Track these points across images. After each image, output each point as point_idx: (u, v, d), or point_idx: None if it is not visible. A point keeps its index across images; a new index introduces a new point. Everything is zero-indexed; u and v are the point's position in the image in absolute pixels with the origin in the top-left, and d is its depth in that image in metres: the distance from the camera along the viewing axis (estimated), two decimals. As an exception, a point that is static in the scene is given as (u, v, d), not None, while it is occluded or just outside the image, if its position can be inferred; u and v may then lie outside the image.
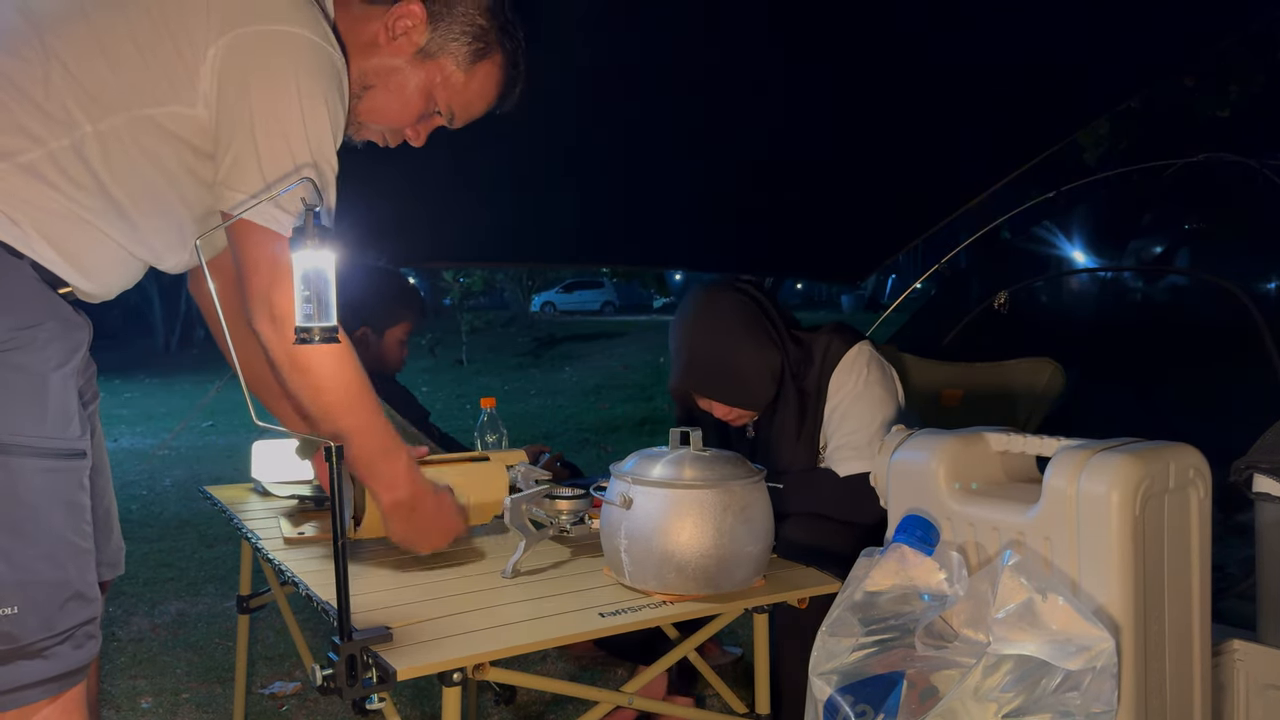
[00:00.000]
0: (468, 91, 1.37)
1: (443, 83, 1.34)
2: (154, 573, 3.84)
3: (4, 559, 1.04)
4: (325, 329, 1.05)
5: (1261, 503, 1.63)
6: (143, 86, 1.11)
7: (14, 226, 1.07)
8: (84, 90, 1.09)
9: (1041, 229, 3.96)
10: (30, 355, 1.06)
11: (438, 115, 1.39)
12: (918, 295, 5.22)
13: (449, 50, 1.33)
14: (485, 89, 1.38)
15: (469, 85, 1.36)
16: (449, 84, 1.35)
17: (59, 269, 1.11)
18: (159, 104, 1.12)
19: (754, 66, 2.55)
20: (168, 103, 1.12)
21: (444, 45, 1.32)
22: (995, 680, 1.12)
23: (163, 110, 1.12)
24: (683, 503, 1.29)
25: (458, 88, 1.35)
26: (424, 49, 1.32)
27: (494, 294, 18.30)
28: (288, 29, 1.14)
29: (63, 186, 1.09)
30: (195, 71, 1.12)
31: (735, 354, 1.97)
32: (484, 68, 1.36)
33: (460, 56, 1.33)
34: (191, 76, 1.12)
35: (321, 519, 1.76)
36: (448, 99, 1.36)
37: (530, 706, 2.45)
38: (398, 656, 1.09)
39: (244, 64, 1.12)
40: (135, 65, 1.11)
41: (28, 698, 1.06)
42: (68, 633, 1.09)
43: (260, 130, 1.12)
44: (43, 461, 1.07)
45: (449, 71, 1.34)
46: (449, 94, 1.36)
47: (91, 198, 1.12)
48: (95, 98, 1.10)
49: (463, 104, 1.38)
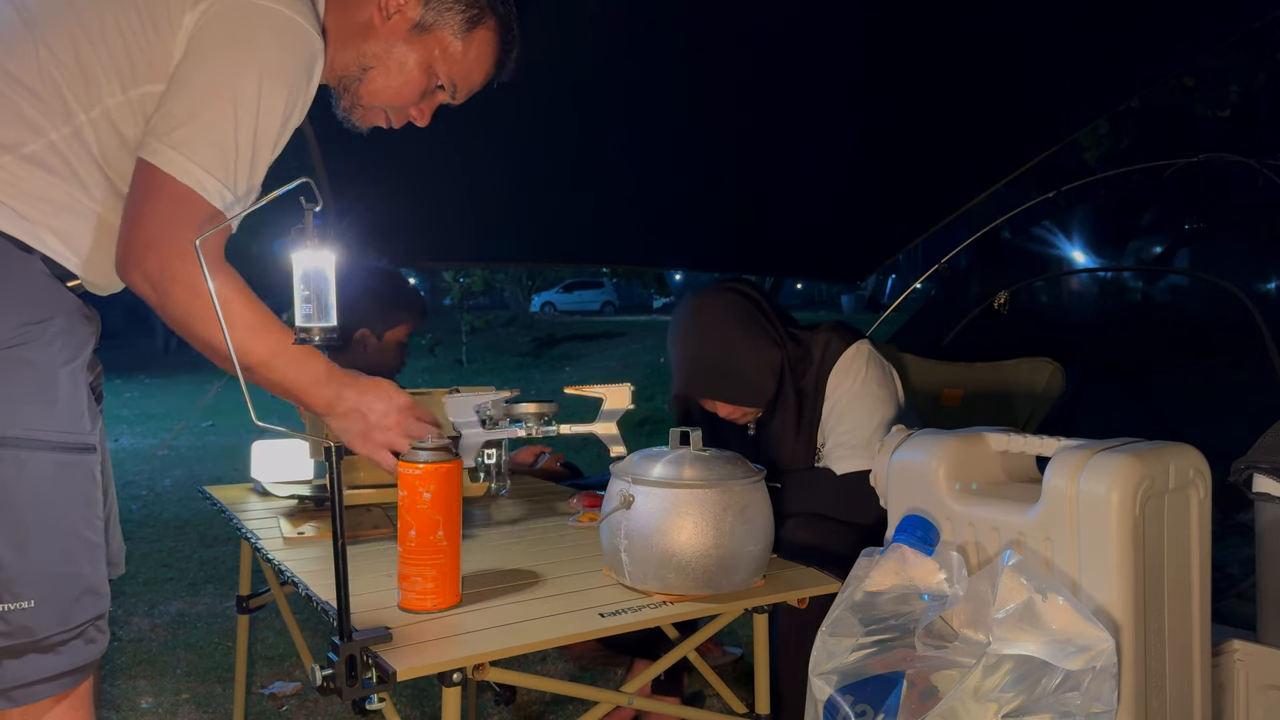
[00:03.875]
0: (466, 60, 1.37)
1: (441, 55, 1.34)
2: (154, 573, 3.83)
3: (20, 552, 1.05)
4: (325, 329, 1.05)
5: (1261, 503, 1.63)
6: (125, 69, 1.11)
7: (22, 220, 1.07)
8: (75, 77, 1.09)
9: (1041, 229, 3.96)
10: (39, 350, 1.07)
11: (440, 91, 1.38)
12: (918, 295, 5.22)
13: (444, 21, 1.33)
14: (483, 55, 1.38)
15: (467, 54, 1.36)
16: (448, 55, 1.35)
17: (68, 261, 1.11)
18: (139, 84, 1.11)
19: (754, 67, 2.55)
20: (145, 83, 1.12)
21: (438, 17, 1.33)
22: (995, 680, 1.12)
23: (141, 91, 1.12)
24: (683, 503, 1.29)
25: (456, 58, 1.36)
26: (419, 23, 1.32)
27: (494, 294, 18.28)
28: (266, 3, 1.13)
29: (67, 176, 1.10)
30: (171, 45, 1.11)
31: (735, 352, 1.97)
32: (480, 34, 1.36)
33: (455, 26, 1.34)
34: (168, 51, 1.11)
35: (321, 519, 1.76)
36: (448, 71, 1.36)
37: (530, 706, 2.45)
38: (397, 657, 1.09)
39: (214, 31, 1.11)
40: (118, 48, 1.11)
41: (40, 692, 1.07)
42: (80, 628, 1.10)
43: (209, 90, 1.10)
44: (55, 455, 1.08)
45: (446, 42, 1.34)
46: (449, 65, 1.36)
47: (95, 186, 1.12)
48: (86, 84, 1.10)
49: (463, 74, 1.38)
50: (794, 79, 2.59)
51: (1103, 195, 4.34)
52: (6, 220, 1.06)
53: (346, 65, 1.31)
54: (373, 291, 2.39)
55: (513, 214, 3.20)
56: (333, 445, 1.09)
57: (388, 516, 1.76)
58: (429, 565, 1.23)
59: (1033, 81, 2.78)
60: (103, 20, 1.11)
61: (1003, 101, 2.88)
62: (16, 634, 1.05)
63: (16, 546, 1.04)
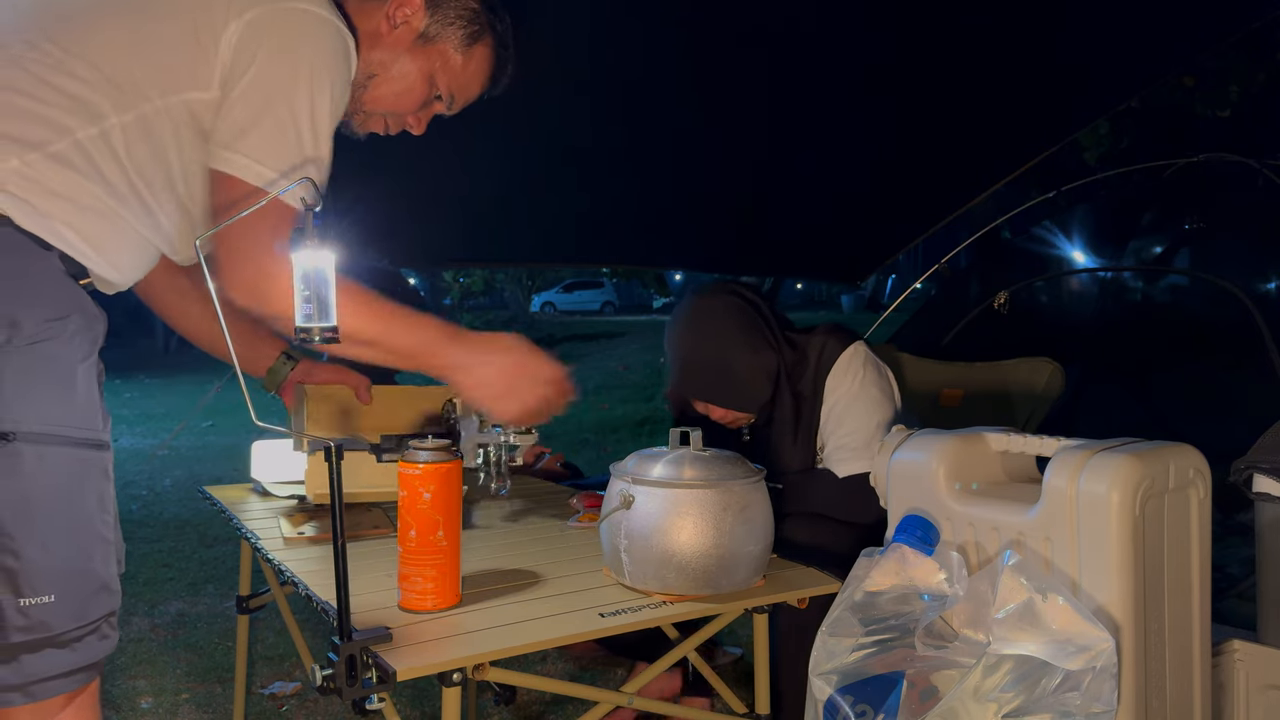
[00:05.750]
0: (465, 74, 1.43)
1: (442, 67, 1.40)
2: (154, 573, 3.84)
3: (42, 547, 1.05)
4: (325, 329, 1.05)
5: (1261, 503, 1.63)
6: (164, 74, 1.14)
7: (44, 219, 1.08)
8: (108, 81, 1.11)
9: (1041, 229, 3.96)
10: (61, 346, 1.08)
11: (437, 101, 1.44)
12: (918, 295, 5.22)
13: (446, 35, 1.39)
14: (481, 70, 1.45)
15: (466, 67, 1.42)
16: (448, 68, 1.40)
17: (87, 259, 1.13)
18: (178, 91, 1.15)
19: (754, 67, 2.55)
20: (186, 89, 1.15)
21: (441, 30, 1.38)
22: (995, 680, 1.12)
23: (181, 98, 1.15)
24: (683, 503, 1.29)
25: (456, 71, 1.41)
26: (423, 35, 1.37)
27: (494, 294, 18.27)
28: (307, 7, 1.18)
29: (91, 175, 1.11)
30: (213, 52, 1.15)
31: (731, 356, 1.97)
32: (479, 50, 1.42)
33: (457, 40, 1.39)
34: (209, 59, 1.15)
35: (321, 519, 1.76)
36: (447, 83, 1.42)
37: (530, 706, 2.45)
38: (397, 656, 1.09)
39: (261, 39, 1.16)
40: (156, 53, 1.14)
41: (56, 688, 1.08)
42: (95, 624, 1.11)
43: (268, 96, 1.16)
44: (75, 451, 1.09)
45: (448, 55, 1.40)
46: (448, 78, 1.41)
47: (119, 186, 1.14)
48: (120, 88, 1.12)
49: (461, 86, 1.44)
50: (794, 79, 2.59)
51: (1103, 195, 4.34)
52: (27, 217, 1.07)
53: (355, 73, 1.32)
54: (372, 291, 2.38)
55: (513, 214, 3.20)
56: (332, 445, 1.09)
57: (388, 516, 1.76)
58: (429, 565, 1.23)
59: (1033, 81, 2.78)
60: (135, 19, 1.14)
61: (1003, 101, 2.88)
62: (36, 629, 1.05)
63: (38, 541, 1.05)
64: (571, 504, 1.89)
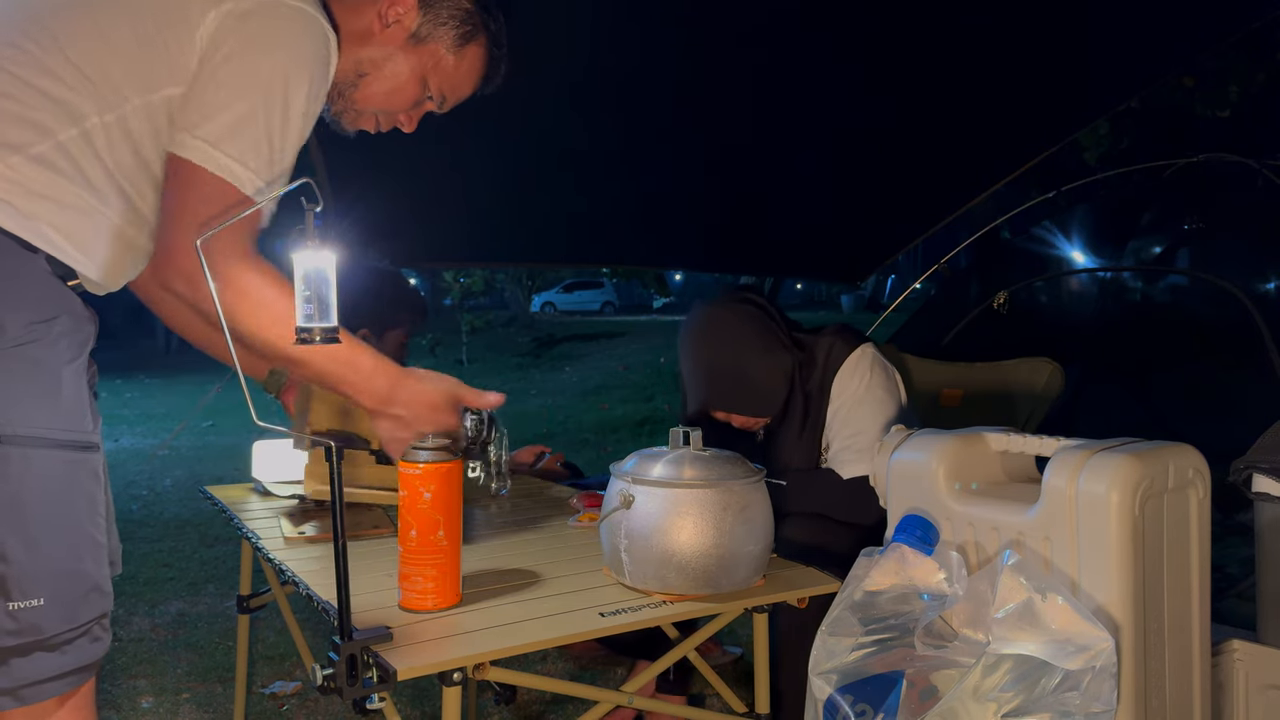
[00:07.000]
0: (457, 74, 1.41)
1: (434, 67, 1.39)
2: (154, 573, 3.84)
3: (30, 550, 1.05)
4: (325, 329, 1.05)
5: (1261, 503, 1.63)
6: (142, 72, 1.12)
7: (28, 220, 1.08)
8: (88, 80, 1.10)
9: (1041, 229, 3.96)
10: (45, 349, 1.07)
11: (429, 100, 1.43)
12: (918, 295, 5.22)
13: (438, 35, 1.37)
14: (473, 70, 1.43)
15: (459, 68, 1.41)
16: (440, 68, 1.39)
17: (73, 260, 1.12)
18: (157, 88, 1.13)
19: (754, 66, 2.55)
20: (164, 86, 1.13)
21: (434, 30, 1.36)
22: (995, 680, 1.12)
23: (160, 95, 1.13)
24: (683, 502, 1.29)
25: (448, 71, 1.40)
26: (415, 34, 1.36)
27: (494, 294, 18.28)
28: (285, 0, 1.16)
29: (74, 176, 1.10)
30: (190, 47, 1.13)
31: (749, 363, 1.99)
32: (472, 50, 1.41)
33: (449, 40, 1.38)
34: (186, 54, 1.13)
35: (322, 519, 1.76)
36: (439, 83, 1.40)
37: (530, 706, 2.45)
38: (398, 656, 1.09)
39: (238, 30, 1.14)
40: (133, 50, 1.12)
41: (47, 691, 1.07)
42: (86, 626, 1.10)
43: (237, 85, 1.13)
44: (61, 453, 1.08)
45: (440, 55, 1.38)
46: (440, 78, 1.40)
47: (102, 186, 1.13)
48: (99, 87, 1.11)
49: (453, 86, 1.42)
50: (794, 78, 2.59)
51: (1102, 195, 4.34)
52: (11, 219, 1.07)
53: (344, 70, 1.32)
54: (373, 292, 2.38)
55: (513, 214, 3.20)
56: (332, 444, 1.09)
57: (388, 516, 1.76)
58: (429, 565, 1.24)
59: (1033, 81, 2.78)
60: (113, 17, 1.12)
61: (1003, 101, 2.88)
62: (25, 632, 1.05)
63: (27, 544, 1.05)
64: (571, 504, 1.89)
